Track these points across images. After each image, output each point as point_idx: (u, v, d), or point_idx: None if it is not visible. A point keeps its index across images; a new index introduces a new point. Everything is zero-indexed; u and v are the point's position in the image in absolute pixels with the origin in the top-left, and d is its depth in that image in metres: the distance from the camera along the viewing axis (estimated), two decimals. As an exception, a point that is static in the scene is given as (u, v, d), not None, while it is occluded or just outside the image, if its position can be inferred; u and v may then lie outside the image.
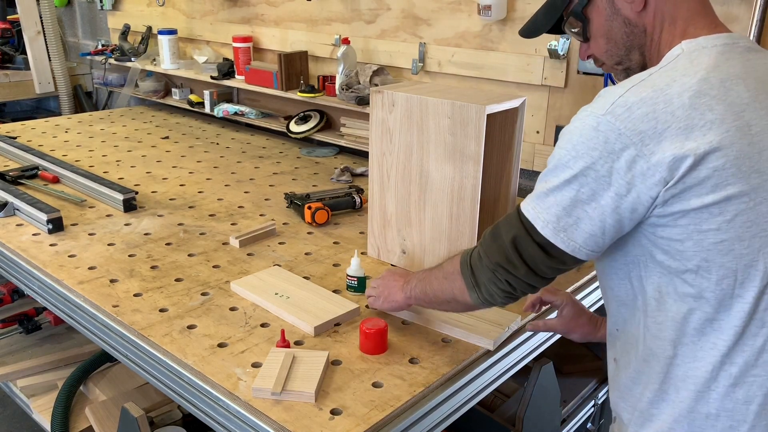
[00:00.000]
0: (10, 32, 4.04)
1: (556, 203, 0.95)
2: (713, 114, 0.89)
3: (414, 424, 1.18)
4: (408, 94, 1.54)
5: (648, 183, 0.89)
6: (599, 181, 0.91)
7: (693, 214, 0.89)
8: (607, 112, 0.91)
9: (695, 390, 0.97)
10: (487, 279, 1.06)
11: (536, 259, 0.99)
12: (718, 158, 0.87)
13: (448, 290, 1.17)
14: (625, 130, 0.89)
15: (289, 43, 2.87)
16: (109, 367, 2.21)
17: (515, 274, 1.01)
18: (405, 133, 1.57)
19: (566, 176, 0.94)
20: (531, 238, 0.98)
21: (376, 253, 1.74)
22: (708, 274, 0.92)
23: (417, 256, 1.65)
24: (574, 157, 0.93)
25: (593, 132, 0.92)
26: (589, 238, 0.95)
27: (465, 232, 1.53)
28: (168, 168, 2.49)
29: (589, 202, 0.93)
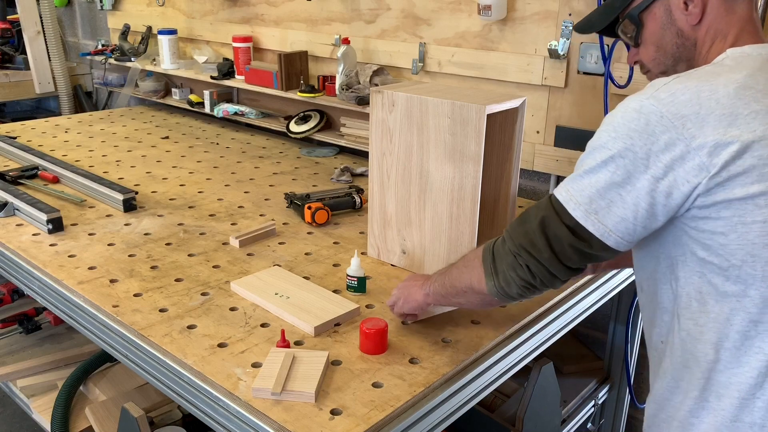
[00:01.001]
0: (10, 32, 4.03)
1: (590, 185, 0.94)
2: (758, 105, 0.89)
3: (414, 424, 1.18)
4: (408, 94, 1.54)
5: (686, 167, 0.88)
6: (636, 163, 0.90)
7: (737, 205, 0.87)
8: (651, 96, 0.92)
9: (739, 397, 0.93)
10: (507, 264, 1.03)
11: (563, 241, 0.96)
12: (764, 147, 0.86)
13: (465, 279, 1.14)
14: (667, 113, 0.89)
15: (289, 43, 2.87)
16: (109, 367, 2.21)
17: (538, 258, 0.98)
18: (405, 133, 1.57)
19: (603, 157, 0.93)
20: (560, 219, 0.96)
21: (376, 253, 1.74)
22: (753, 270, 0.89)
23: (417, 256, 1.65)
24: (613, 138, 0.92)
25: (635, 114, 0.92)
26: (620, 222, 0.93)
27: (465, 232, 1.53)
28: (168, 168, 2.49)
29: (624, 185, 0.91)
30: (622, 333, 2.04)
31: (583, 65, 2.03)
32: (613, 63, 1.93)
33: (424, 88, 1.60)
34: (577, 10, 2.00)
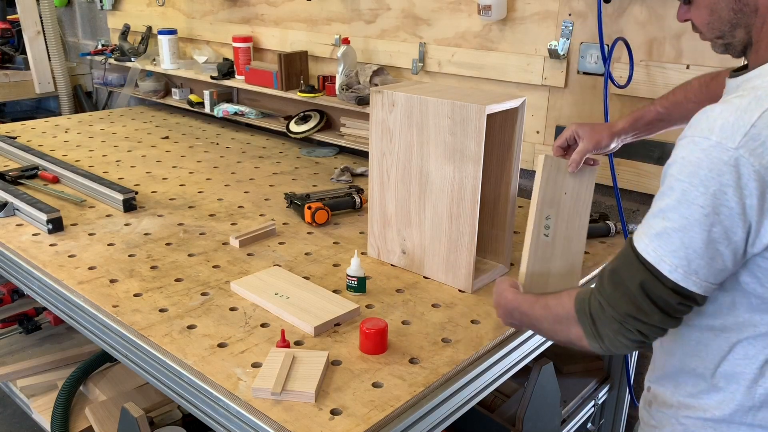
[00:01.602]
0: (10, 32, 4.04)
1: (684, 245, 0.91)
2: None
3: (414, 424, 1.18)
4: (408, 94, 1.54)
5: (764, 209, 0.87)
6: (733, 219, 0.88)
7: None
8: (740, 146, 0.86)
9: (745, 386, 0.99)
10: (613, 331, 1.00)
11: (671, 302, 0.94)
12: None
13: (562, 334, 1.11)
14: (761, 168, 0.86)
15: (289, 43, 2.87)
16: (109, 367, 2.21)
17: (648, 322, 0.96)
18: (405, 133, 1.57)
19: (695, 215, 0.89)
20: (660, 282, 0.93)
21: (376, 253, 1.74)
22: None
23: (417, 256, 1.65)
24: (703, 194, 0.88)
25: (725, 167, 0.87)
26: (719, 273, 0.92)
27: (465, 232, 1.53)
28: (168, 168, 2.49)
29: (722, 241, 0.89)
30: (622, 333, 2.03)
31: (583, 65, 2.03)
32: (613, 63, 1.93)
33: (424, 88, 1.60)
34: (577, 10, 2.00)
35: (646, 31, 1.90)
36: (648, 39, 1.90)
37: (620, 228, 1.92)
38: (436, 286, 1.60)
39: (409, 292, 1.58)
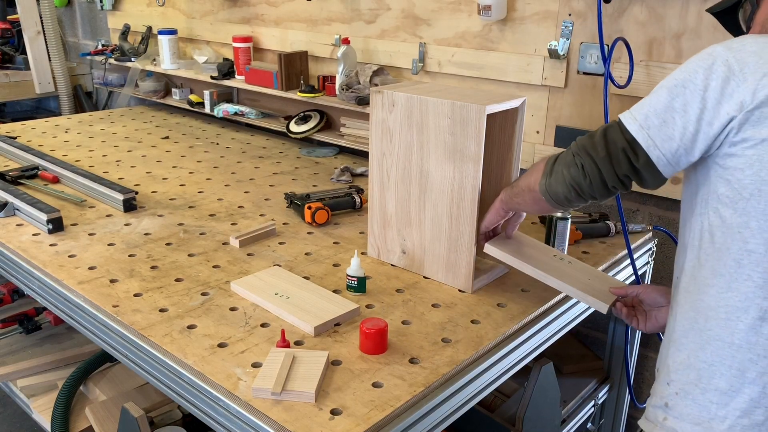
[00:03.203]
0: (10, 32, 4.04)
1: (650, 105, 1.06)
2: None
3: (414, 424, 1.18)
4: (408, 94, 1.54)
5: (733, 101, 0.97)
6: (695, 93, 1.00)
7: (760, 145, 0.96)
8: (724, 44, 1.02)
9: (725, 319, 1.01)
10: (564, 164, 1.17)
11: (617, 144, 1.08)
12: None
13: (526, 179, 1.29)
14: (732, 58, 0.99)
15: (289, 43, 2.87)
16: (109, 367, 2.21)
17: (594, 156, 1.10)
18: (405, 133, 1.57)
19: (668, 85, 1.04)
20: (619, 129, 1.09)
21: (376, 253, 1.74)
22: (758, 203, 0.98)
23: (417, 256, 1.65)
24: (682, 71, 1.03)
25: (706, 55, 1.02)
26: (666, 140, 1.03)
27: (465, 232, 1.53)
28: (168, 168, 2.49)
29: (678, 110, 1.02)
30: (622, 333, 2.04)
31: (583, 65, 2.03)
32: (613, 63, 1.93)
33: (424, 88, 1.60)
34: (577, 10, 2.00)
35: (646, 31, 1.90)
36: (648, 39, 1.90)
37: (620, 228, 1.92)
38: (436, 286, 1.61)
39: (409, 292, 1.58)
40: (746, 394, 0.99)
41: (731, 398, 1.00)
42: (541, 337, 1.52)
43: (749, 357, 0.99)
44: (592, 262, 1.75)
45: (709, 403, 1.02)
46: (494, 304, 1.53)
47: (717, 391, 1.01)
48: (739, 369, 1.00)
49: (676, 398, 1.06)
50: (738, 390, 1.00)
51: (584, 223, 1.94)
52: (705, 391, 1.02)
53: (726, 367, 1.01)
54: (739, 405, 1.00)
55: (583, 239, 1.89)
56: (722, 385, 1.01)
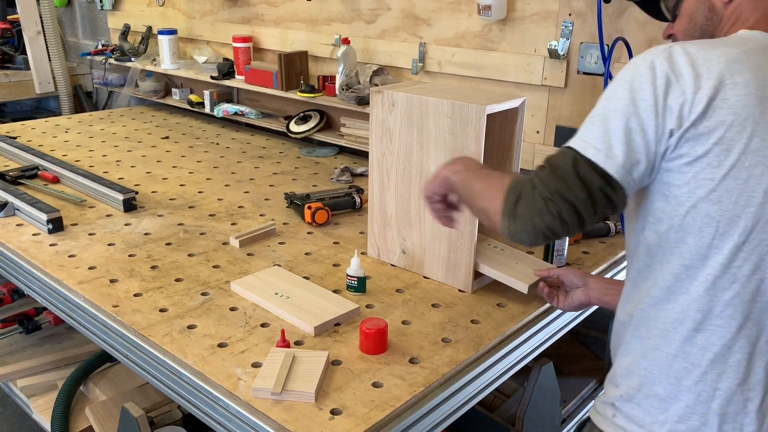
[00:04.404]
0: (10, 32, 4.04)
1: (606, 132, 1.00)
2: (741, 78, 0.96)
3: (414, 424, 1.18)
4: (408, 94, 1.54)
5: (672, 119, 0.96)
6: (647, 110, 0.98)
7: (696, 163, 0.96)
8: (660, 55, 1.00)
9: (663, 329, 1.03)
10: (533, 210, 1.03)
11: (594, 184, 0.99)
12: (728, 115, 0.94)
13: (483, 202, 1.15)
14: (669, 70, 0.98)
15: (289, 43, 2.87)
16: (109, 367, 2.21)
17: (575, 201, 1.00)
18: (405, 133, 1.57)
19: (618, 106, 1.00)
20: (587, 163, 1.00)
21: (376, 253, 1.74)
22: (694, 221, 0.98)
23: (417, 256, 1.65)
24: (624, 88, 1.00)
25: (644, 68, 1.00)
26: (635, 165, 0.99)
27: (465, 232, 1.53)
28: (168, 168, 2.49)
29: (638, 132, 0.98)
30: (622, 333, 2.04)
31: (583, 65, 2.03)
32: (613, 63, 1.93)
33: (424, 88, 1.60)
34: (577, 10, 2.00)
35: (645, 31, 1.90)
36: (648, 39, 1.90)
37: (620, 228, 1.92)
38: (436, 286, 1.61)
39: (409, 292, 1.58)
40: (682, 401, 1.02)
41: (669, 405, 1.03)
42: (541, 337, 1.52)
43: (684, 366, 1.02)
44: (592, 262, 1.75)
45: (651, 408, 1.05)
46: (494, 304, 1.53)
47: (656, 397, 1.05)
48: (675, 378, 1.03)
49: (622, 400, 1.10)
50: (675, 397, 1.03)
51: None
52: (647, 397, 1.06)
53: (664, 376, 1.04)
54: (676, 411, 1.03)
55: (583, 239, 1.89)
56: (661, 392, 1.04)
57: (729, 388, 1.00)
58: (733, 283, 0.98)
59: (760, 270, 0.97)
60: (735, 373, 1.00)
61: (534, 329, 1.48)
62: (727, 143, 0.95)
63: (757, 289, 0.98)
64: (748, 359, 1.00)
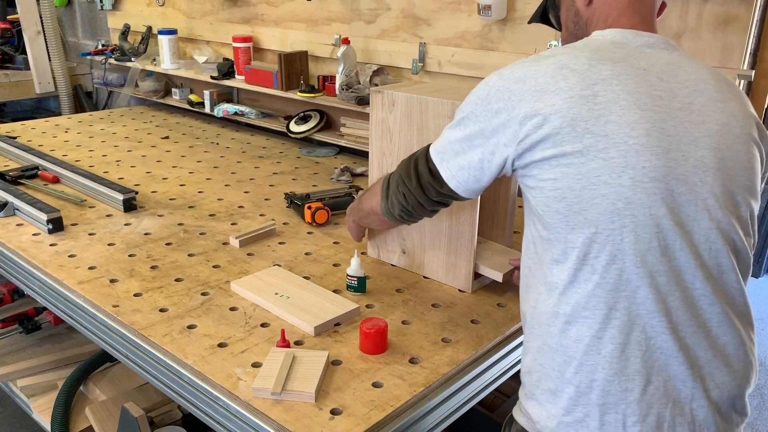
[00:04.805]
0: (10, 32, 4.03)
1: (446, 138, 1.17)
2: (566, 83, 1.02)
3: (414, 424, 1.18)
4: (408, 94, 1.54)
5: (506, 133, 1.06)
6: (476, 125, 1.10)
7: (539, 165, 1.03)
8: (497, 73, 1.10)
9: (546, 324, 1.07)
10: (393, 190, 1.31)
11: (424, 176, 1.21)
12: (557, 119, 1.00)
13: (368, 203, 1.44)
14: (502, 88, 1.07)
15: (289, 43, 2.87)
16: (109, 367, 2.21)
17: (409, 187, 1.25)
18: (405, 133, 1.57)
19: (458, 117, 1.14)
20: (426, 161, 1.21)
21: (376, 253, 1.74)
22: (549, 218, 1.04)
23: (417, 255, 1.65)
24: (467, 104, 1.13)
25: (483, 86, 1.11)
26: (460, 169, 1.14)
27: (465, 232, 1.53)
28: (168, 168, 2.49)
29: (466, 140, 1.12)
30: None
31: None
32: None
33: (424, 88, 1.60)
34: (577, 10, 2.00)
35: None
36: (648, 39, 1.89)
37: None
38: (436, 286, 1.61)
39: (409, 292, 1.58)
40: (566, 394, 1.04)
41: (558, 398, 1.06)
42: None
43: (564, 359, 1.04)
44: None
45: (546, 402, 1.08)
46: (494, 304, 1.53)
47: (549, 391, 1.07)
48: (559, 371, 1.05)
49: (526, 398, 1.12)
50: (561, 390, 1.05)
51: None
52: (543, 392, 1.08)
53: (551, 369, 1.06)
54: (562, 404, 1.05)
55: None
56: (551, 386, 1.07)
57: (605, 378, 1.01)
58: (593, 274, 1.00)
59: (617, 260, 0.99)
60: (609, 364, 1.01)
61: (534, 329, 1.48)
62: (560, 144, 1.00)
63: (619, 278, 0.99)
64: (621, 350, 1.01)
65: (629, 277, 0.99)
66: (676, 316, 1.00)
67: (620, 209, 0.98)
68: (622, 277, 0.99)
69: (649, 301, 0.99)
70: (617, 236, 0.98)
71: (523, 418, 1.12)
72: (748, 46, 1.70)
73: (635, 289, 0.99)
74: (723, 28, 1.71)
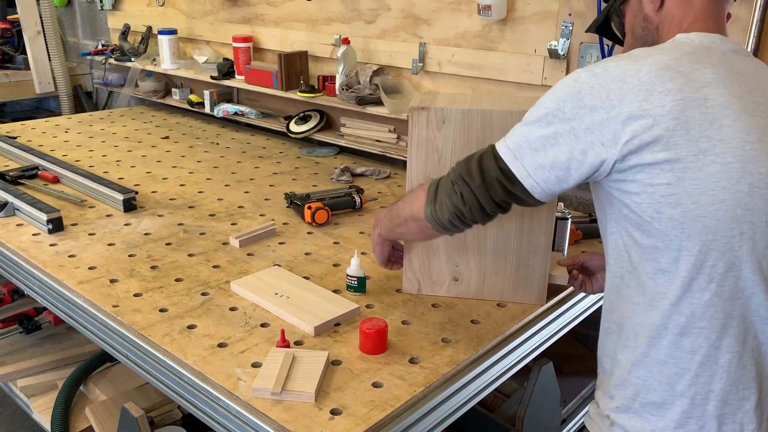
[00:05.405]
0: (10, 32, 4.04)
1: (522, 135, 1.07)
2: (673, 84, 0.98)
3: (414, 424, 1.18)
4: (465, 108, 1.42)
5: (604, 132, 0.99)
6: (564, 122, 1.02)
7: (647, 169, 0.98)
8: (588, 70, 1.04)
9: (649, 336, 1.04)
10: (445, 192, 1.18)
11: (492, 174, 1.10)
12: (669, 120, 0.96)
13: (409, 209, 1.29)
14: (597, 85, 1.00)
15: (289, 43, 2.87)
16: (109, 367, 2.21)
17: (470, 184, 1.12)
18: (460, 150, 1.42)
19: (538, 114, 1.06)
20: (494, 158, 1.10)
21: (415, 288, 1.57)
22: (659, 225, 0.99)
23: (474, 280, 1.53)
24: (550, 100, 1.05)
25: (572, 82, 1.04)
26: (539, 168, 1.05)
27: (540, 243, 1.47)
28: (168, 168, 2.49)
29: (549, 138, 1.04)
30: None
31: (583, 65, 2.03)
32: (613, 63, 1.93)
33: (468, 100, 1.49)
34: (577, 10, 2.00)
35: (646, 31, 1.89)
36: (648, 39, 1.89)
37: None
38: (436, 286, 1.60)
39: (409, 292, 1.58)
40: (678, 407, 1.03)
41: (667, 410, 1.04)
42: (541, 337, 1.52)
43: (675, 371, 1.03)
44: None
45: (649, 416, 1.06)
46: (494, 304, 1.53)
47: (653, 405, 1.05)
48: (668, 383, 1.03)
49: (618, 412, 1.10)
50: (671, 403, 1.03)
51: (584, 223, 1.94)
52: (643, 406, 1.06)
53: (657, 383, 1.04)
54: (673, 417, 1.03)
55: (583, 239, 1.89)
56: (656, 399, 1.05)
57: (723, 388, 1.01)
58: (710, 283, 0.98)
59: (735, 267, 0.98)
60: (727, 374, 1.00)
61: (534, 329, 1.48)
62: (674, 147, 0.96)
63: (735, 286, 0.98)
64: (739, 358, 1.00)
65: (745, 284, 0.98)
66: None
67: (739, 216, 0.96)
68: (738, 284, 0.98)
69: (762, 308, 0.99)
70: (736, 243, 0.97)
71: (617, 429, 1.10)
72: (748, 46, 1.70)
73: (750, 296, 0.99)
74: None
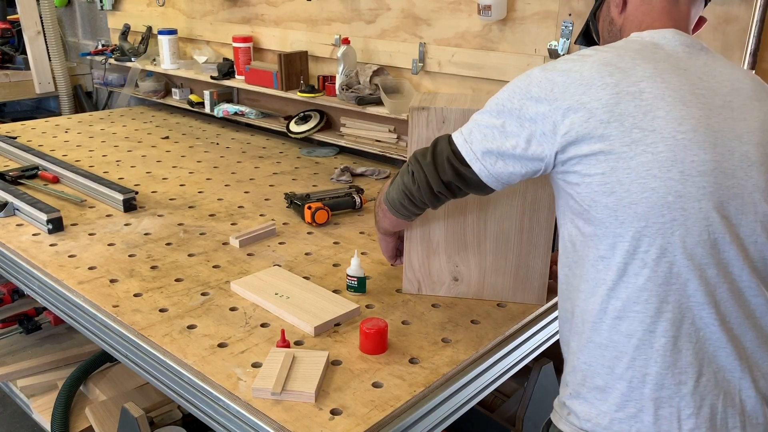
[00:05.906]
0: (10, 32, 4.03)
1: (474, 122, 1.15)
2: (612, 79, 1.03)
3: (414, 424, 1.18)
4: (464, 109, 1.42)
5: (546, 123, 1.05)
6: (511, 112, 1.09)
7: (585, 160, 1.03)
8: (541, 67, 1.11)
9: (592, 321, 1.07)
10: (400, 173, 1.27)
11: (443, 154, 1.17)
12: (605, 113, 1.01)
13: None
14: (544, 79, 1.07)
15: (289, 43, 2.87)
16: (109, 367, 2.21)
17: (421, 162, 1.20)
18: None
19: (492, 104, 1.13)
20: (447, 141, 1.18)
21: (415, 288, 1.57)
22: (596, 213, 1.03)
23: (474, 279, 1.54)
24: (504, 92, 1.12)
25: (525, 77, 1.11)
26: (486, 152, 1.11)
27: (540, 243, 1.47)
28: (168, 168, 2.49)
29: (498, 126, 1.10)
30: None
31: (583, 65, 2.03)
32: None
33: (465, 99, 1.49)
34: (577, 10, 2.00)
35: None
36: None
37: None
38: (436, 286, 1.60)
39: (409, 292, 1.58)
40: (618, 390, 1.05)
41: (608, 394, 1.06)
42: (541, 337, 1.52)
43: (615, 355, 1.05)
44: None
45: (594, 400, 1.08)
46: (494, 304, 1.53)
47: (597, 389, 1.07)
48: (609, 367, 1.06)
49: (572, 398, 1.12)
50: (612, 387, 1.05)
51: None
52: (590, 390, 1.08)
53: (600, 366, 1.07)
54: (614, 400, 1.05)
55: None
56: (600, 383, 1.07)
57: (658, 372, 1.02)
58: (643, 268, 1.01)
59: (668, 253, 1.00)
60: (662, 357, 1.02)
61: (534, 329, 1.48)
62: (608, 138, 1.00)
63: (669, 271, 1.00)
64: (674, 343, 1.01)
65: (679, 270, 1.00)
66: (725, 307, 1.01)
67: (670, 203, 0.99)
68: (672, 270, 1.00)
69: (698, 293, 1.00)
70: (667, 229, 0.99)
71: (565, 424, 1.11)
72: (748, 46, 1.70)
73: (685, 282, 1.00)
74: (723, 28, 1.71)
